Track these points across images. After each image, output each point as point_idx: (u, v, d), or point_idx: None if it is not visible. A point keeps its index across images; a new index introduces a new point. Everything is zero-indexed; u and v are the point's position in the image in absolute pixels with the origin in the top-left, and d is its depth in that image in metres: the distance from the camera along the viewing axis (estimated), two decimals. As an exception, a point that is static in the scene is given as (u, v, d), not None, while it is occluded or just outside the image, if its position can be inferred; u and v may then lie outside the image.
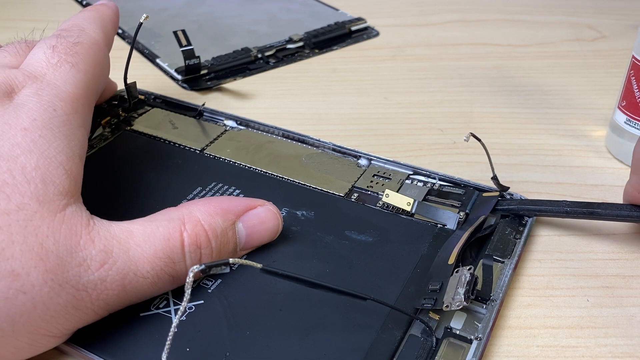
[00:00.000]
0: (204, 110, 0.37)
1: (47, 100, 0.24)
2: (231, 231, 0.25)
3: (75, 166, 0.23)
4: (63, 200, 0.22)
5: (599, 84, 0.42)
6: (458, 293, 0.23)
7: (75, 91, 0.25)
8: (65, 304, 0.21)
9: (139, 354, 0.22)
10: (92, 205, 0.29)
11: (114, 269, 0.21)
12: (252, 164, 0.32)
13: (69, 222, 0.21)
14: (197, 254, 0.23)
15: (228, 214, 0.25)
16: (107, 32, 0.29)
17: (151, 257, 0.22)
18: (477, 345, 0.23)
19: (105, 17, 0.30)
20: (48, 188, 0.21)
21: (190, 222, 0.23)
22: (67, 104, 0.24)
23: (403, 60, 0.46)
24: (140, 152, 0.33)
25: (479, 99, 0.41)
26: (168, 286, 0.23)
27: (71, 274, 0.21)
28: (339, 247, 0.27)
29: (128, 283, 0.22)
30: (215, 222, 0.24)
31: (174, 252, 0.23)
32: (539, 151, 0.35)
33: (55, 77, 0.25)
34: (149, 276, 0.22)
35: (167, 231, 0.23)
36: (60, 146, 0.23)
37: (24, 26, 0.50)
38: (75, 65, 0.26)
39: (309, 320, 0.23)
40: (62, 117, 0.24)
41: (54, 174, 0.22)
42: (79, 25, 0.28)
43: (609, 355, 0.24)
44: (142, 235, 0.23)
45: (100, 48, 0.28)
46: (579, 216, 0.28)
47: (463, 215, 0.29)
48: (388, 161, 0.32)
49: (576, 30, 0.51)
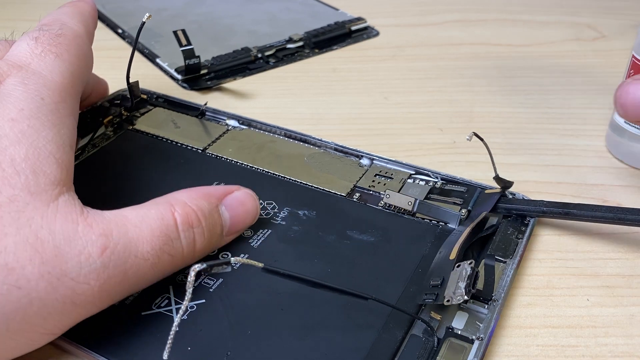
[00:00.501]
0: (206, 109, 0.37)
1: (34, 89, 0.23)
2: (216, 213, 0.25)
3: (66, 155, 0.23)
4: (55, 190, 0.21)
5: (599, 84, 0.42)
6: (459, 287, 0.23)
7: (61, 80, 0.25)
8: (63, 299, 0.20)
9: (140, 353, 0.22)
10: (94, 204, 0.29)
11: (115, 253, 0.21)
12: (254, 164, 0.32)
13: (63, 211, 0.21)
14: (191, 232, 0.23)
15: (210, 197, 0.25)
16: (87, 26, 0.29)
17: (149, 237, 0.22)
18: (478, 345, 0.23)
19: (84, 11, 0.30)
20: (39, 178, 0.21)
21: (178, 204, 0.24)
22: (54, 92, 0.24)
23: (403, 60, 0.46)
24: (142, 152, 0.33)
25: (479, 98, 0.41)
26: (168, 268, 0.23)
27: (71, 264, 0.20)
28: (340, 247, 0.27)
29: (129, 267, 0.21)
30: (201, 203, 0.24)
31: (169, 229, 0.23)
32: (539, 151, 0.35)
33: (41, 66, 0.24)
34: (149, 257, 0.22)
35: (159, 212, 0.23)
36: (49, 135, 0.22)
37: (24, 26, 0.49)
38: (60, 55, 0.25)
39: (311, 319, 0.23)
40: (50, 105, 0.23)
41: (44, 163, 0.22)
42: (60, 20, 0.28)
43: (609, 354, 0.24)
44: (136, 217, 0.22)
45: (83, 40, 0.28)
46: (555, 216, 0.29)
47: (465, 212, 0.29)
48: (390, 161, 0.32)
49: (576, 30, 0.51)
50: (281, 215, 0.29)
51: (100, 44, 0.47)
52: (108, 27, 0.50)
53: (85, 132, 0.34)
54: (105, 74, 0.38)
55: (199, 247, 0.24)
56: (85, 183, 0.30)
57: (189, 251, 0.24)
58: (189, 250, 0.24)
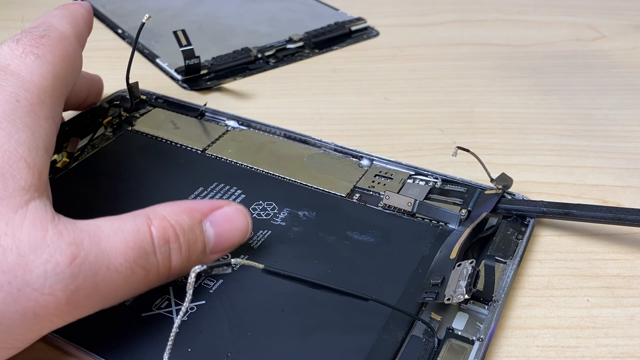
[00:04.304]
0: (205, 110, 0.37)
1: (10, 90, 0.22)
2: (198, 229, 0.23)
3: (39, 159, 0.22)
4: (25, 196, 0.20)
5: (599, 84, 0.42)
6: (460, 286, 0.23)
7: (41, 82, 0.24)
8: (24, 312, 0.19)
9: (140, 355, 0.22)
10: (93, 205, 0.29)
11: (86, 264, 0.20)
12: (253, 164, 0.32)
13: (31, 218, 0.20)
14: (167, 248, 0.22)
15: (193, 212, 0.24)
16: (77, 27, 0.28)
17: (123, 249, 0.21)
18: (479, 346, 0.23)
19: (76, 13, 0.29)
20: (7, 183, 0.20)
21: (156, 218, 0.22)
22: (32, 94, 0.23)
23: (403, 60, 0.46)
24: (142, 152, 0.33)
25: (479, 99, 0.41)
26: (141, 285, 0.22)
27: (35, 274, 0.19)
28: (340, 248, 0.27)
29: (101, 280, 0.20)
30: (181, 218, 0.23)
31: (145, 242, 0.22)
32: (539, 151, 0.35)
33: (20, 67, 0.24)
34: (122, 269, 0.21)
35: (135, 225, 0.22)
36: (22, 138, 0.21)
37: (24, 26, 0.50)
38: (42, 57, 0.24)
39: (311, 320, 0.23)
40: (26, 107, 0.22)
41: (14, 167, 0.21)
42: (48, 22, 0.27)
43: (609, 355, 0.24)
44: (110, 228, 0.21)
45: (69, 42, 0.27)
46: (554, 216, 0.29)
47: (465, 212, 0.29)
48: (390, 161, 0.32)
49: (576, 30, 0.51)
50: (281, 216, 0.29)
51: (100, 44, 0.47)
52: (108, 27, 0.50)
53: (84, 133, 0.34)
54: (105, 74, 0.38)
55: (175, 263, 0.23)
56: (84, 184, 0.31)
57: (164, 267, 0.22)
58: (164, 266, 0.22)
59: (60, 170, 0.31)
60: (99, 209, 0.23)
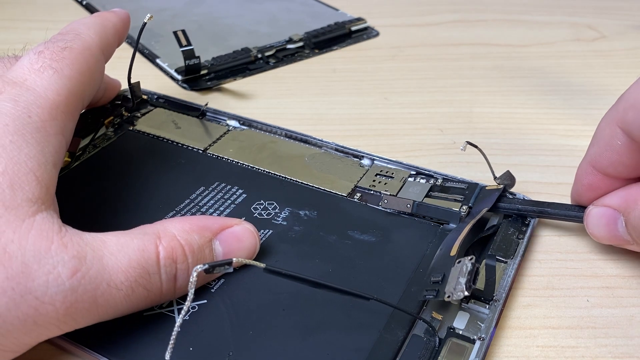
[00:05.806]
0: (206, 110, 0.37)
1: (23, 106, 0.23)
2: (208, 248, 0.24)
3: (47, 173, 0.22)
4: (32, 207, 0.21)
5: (599, 84, 0.42)
6: (459, 283, 0.23)
7: (55, 98, 0.24)
8: (24, 318, 0.19)
9: (142, 354, 0.22)
10: (94, 204, 0.29)
11: (86, 278, 0.20)
12: (254, 164, 0.32)
13: (38, 228, 0.20)
14: (173, 268, 0.23)
15: (204, 231, 0.24)
16: (105, 37, 0.28)
17: (125, 267, 0.21)
18: (480, 345, 0.23)
19: (107, 22, 0.29)
20: (16, 194, 0.21)
21: (165, 237, 0.23)
22: (44, 110, 0.23)
23: (403, 60, 0.46)
24: (143, 152, 0.33)
25: (479, 99, 0.41)
26: (142, 303, 0.22)
27: (37, 283, 0.19)
28: (341, 247, 0.27)
29: (100, 295, 0.21)
30: (192, 238, 0.23)
31: (148, 263, 0.22)
32: (539, 151, 0.35)
33: (36, 82, 0.24)
34: (122, 287, 0.21)
35: (142, 243, 0.22)
36: (31, 152, 0.22)
37: (24, 26, 0.50)
38: (59, 71, 0.25)
39: (312, 320, 0.24)
40: (37, 123, 0.23)
41: (23, 180, 0.21)
42: (76, 30, 0.27)
43: (609, 355, 0.24)
44: (115, 244, 0.22)
45: (92, 54, 0.27)
46: (530, 214, 0.29)
47: (466, 209, 0.29)
48: (390, 161, 0.32)
49: (576, 30, 0.51)
50: (282, 216, 0.29)
51: (101, 44, 0.47)
52: (108, 27, 0.50)
53: (86, 133, 0.34)
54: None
55: (180, 283, 0.23)
56: (85, 184, 0.31)
57: (168, 287, 0.23)
58: (169, 286, 0.23)
59: (61, 169, 0.31)
60: (100, 209, 0.23)
